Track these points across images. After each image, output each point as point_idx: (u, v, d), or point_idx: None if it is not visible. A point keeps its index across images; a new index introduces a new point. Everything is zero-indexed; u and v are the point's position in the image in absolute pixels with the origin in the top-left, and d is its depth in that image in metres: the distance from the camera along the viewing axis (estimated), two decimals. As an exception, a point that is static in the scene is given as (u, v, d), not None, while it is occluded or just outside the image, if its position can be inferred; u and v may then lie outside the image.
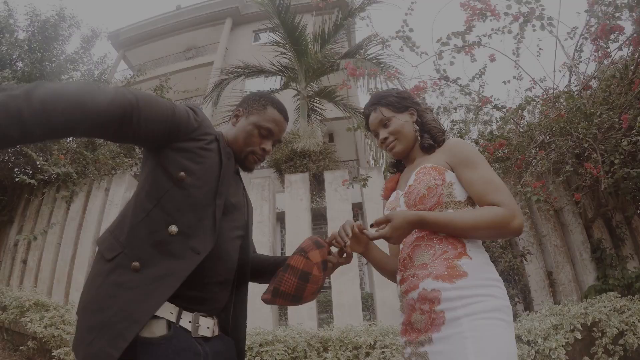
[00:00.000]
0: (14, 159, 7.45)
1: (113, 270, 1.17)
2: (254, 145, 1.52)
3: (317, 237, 1.48)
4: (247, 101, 1.57)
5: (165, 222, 1.23)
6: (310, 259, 1.40)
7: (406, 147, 1.66)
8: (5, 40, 7.28)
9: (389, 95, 1.70)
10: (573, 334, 3.56)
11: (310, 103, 11.91)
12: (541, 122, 4.61)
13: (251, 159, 1.54)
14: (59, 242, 6.65)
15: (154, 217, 1.24)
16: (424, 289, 1.37)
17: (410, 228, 1.39)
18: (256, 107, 1.54)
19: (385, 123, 1.66)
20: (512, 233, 1.39)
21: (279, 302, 1.45)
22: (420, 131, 1.67)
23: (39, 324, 4.67)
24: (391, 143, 1.66)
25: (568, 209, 5.09)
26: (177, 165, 1.28)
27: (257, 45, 17.33)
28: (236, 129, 1.53)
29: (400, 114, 1.66)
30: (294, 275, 1.39)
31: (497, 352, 1.22)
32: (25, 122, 0.95)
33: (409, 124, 1.66)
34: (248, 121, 1.52)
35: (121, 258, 1.18)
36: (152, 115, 1.23)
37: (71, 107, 1.03)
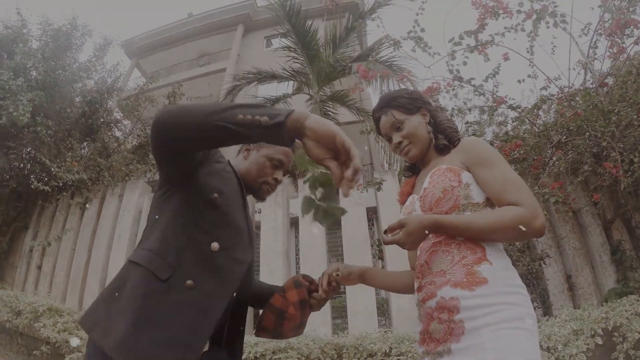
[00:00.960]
0: (30, 166, 7.55)
1: (169, 290, 1.24)
2: (267, 176, 1.63)
3: (299, 277, 1.59)
4: None
5: (207, 241, 1.33)
6: (287, 298, 1.52)
7: (421, 150, 1.59)
8: (19, 50, 7.40)
9: (400, 97, 1.62)
10: (594, 340, 3.45)
11: (322, 107, 11.90)
12: (557, 121, 4.51)
13: (265, 188, 1.65)
14: (73, 247, 6.73)
15: (195, 238, 1.32)
16: (442, 297, 1.30)
17: (426, 233, 1.32)
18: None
19: (397, 126, 1.59)
20: (534, 234, 1.30)
21: (264, 336, 1.57)
22: (434, 132, 1.59)
23: (53, 329, 4.72)
24: (406, 147, 1.59)
25: (586, 210, 4.98)
26: (209, 188, 1.38)
27: (269, 50, 17.37)
28: (248, 162, 1.64)
29: (412, 115, 1.59)
30: (272, 313, 1.53)
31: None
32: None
33: (422, 125, 1.59)
34: (260, 154, 1.63)
35: (175, 278, 1.25)
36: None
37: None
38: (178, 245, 1.29)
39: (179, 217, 1.33)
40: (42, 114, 7.31)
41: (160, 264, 1.26)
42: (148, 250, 1.30)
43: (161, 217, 1.36)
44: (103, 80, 8.99)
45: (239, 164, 1.65)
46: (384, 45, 8.88)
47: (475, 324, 1.22)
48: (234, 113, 1.04)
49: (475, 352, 1.19)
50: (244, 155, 1.67)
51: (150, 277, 1.24)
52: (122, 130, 9.81)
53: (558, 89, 4.81)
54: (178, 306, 1.22)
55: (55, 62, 7.65)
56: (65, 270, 6.58)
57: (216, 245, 1.32)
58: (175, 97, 9.11)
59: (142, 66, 20.49)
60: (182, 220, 1.33)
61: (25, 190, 7.46)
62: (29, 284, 6.83)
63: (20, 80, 6.78)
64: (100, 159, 7.75)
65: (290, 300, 1.51)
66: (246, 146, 1.67)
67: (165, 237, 1.31)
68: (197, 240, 1.31)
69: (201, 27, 19.68)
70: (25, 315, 5.10)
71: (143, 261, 1.28)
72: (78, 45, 8.50)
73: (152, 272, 1.25)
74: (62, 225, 7.06)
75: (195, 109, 1.11)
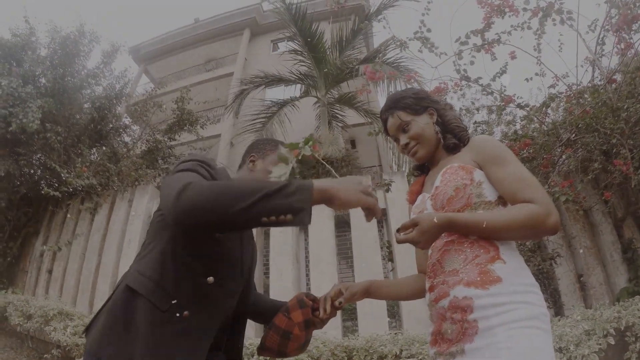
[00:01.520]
0: (40, 172, 7.63)
1: (169, 321, 1.27)
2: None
3: (303, 296, 1.58)
4: (257, 146, 1.70)
5: (204, 273, 1.35)
6: (292, 319, 1.51)
7: (429, 151, 1.57)
8: (27, 58, 7.50)
9: (406, 97, 1.60)
10: (606, 340, 3.40)
11: (330, 110, 11.92)
12: (566, 119, 4.48)
13: None
14: (83, 252, 6.79)
15: (193, 270, 1.34)
16: (455, 296, 1.29)
17: (439, 231, 1.30)
18: (269, 149, 1.67)
19: (404, 128, 1.58)
20: (548, 231, 1.30)
21: (267, 355, 1.59)
22: (442, 131, 1.57)
23: (63, 333, 4.76)
24: (413, 148, 1.58)
25: (597, 209, 4.93)
26: None
27: (276, 54, 17.45)
28: (257, 171, 1.63)
29: (419, 116, 1.57)
30: (276, 333, 1.53)
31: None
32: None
33: (430, 125, 1.57)
34: (266, 162, 1.63)
35: (174, 308, 1.28)
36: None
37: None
38: (176, 274, 1.31)
39: (178, 246, 1.34)
40: (52, 120, 7.39)
41: (160, 295, 1.28)
42: (148, 278, 1.31)
43: (160, 241, 1.36)
44: (111, 87, 9.06)
45: (246, 176, 1.65)
46: (390, 46, 8.86)
47: (489, 323, 1.20)
48: (259, 213, 1.10)
49: (489, 352, 1.17)
50: (250, 167, 1.65)
51: (153, 309, 1.27)
52: (131, 136, 9.89)
53: (566, 86, 4.78)
54: (177, 336, 1.27)
55: (63, 69, 7.73)
56: (76, 275, 6.63)
57: (212, 279, 1.35)
58: (183, 102, 9.14)
59: (150, 72, 20.65)
60: (180, 250, 1.33)
61: (35, 196, 7.55)
62: (40, 288, 6.90)
63: (29, 88, 6.86)
64: (110, 164, 7.82)
65: (295, 320, 1.51)
66: (251, 157, 1.67)
67: (164, 264, 1.32)
68: (195, 272, 1.33)
69: (208, 33, 19.78)
70: (36, 319, 5.15)
71: (145, 292, 1.29)
72: (86, 52, 8.58)
73: (154, 304, 1.27)
74: (72, 230, 7.12)
75: (223, 200, 1.12)
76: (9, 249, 7.47)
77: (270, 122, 11.65)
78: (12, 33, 7.79)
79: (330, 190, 1.16)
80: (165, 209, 1.19)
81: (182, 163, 1.39)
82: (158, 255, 1.34)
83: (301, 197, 1.12)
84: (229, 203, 1.10)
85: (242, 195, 1.11)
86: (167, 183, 1.26)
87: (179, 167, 1.35)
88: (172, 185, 1.19)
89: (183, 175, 1.25)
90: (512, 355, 1.14)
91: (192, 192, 1.13)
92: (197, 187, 1.14)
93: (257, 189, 1.12)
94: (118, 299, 1.31)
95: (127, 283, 1.31)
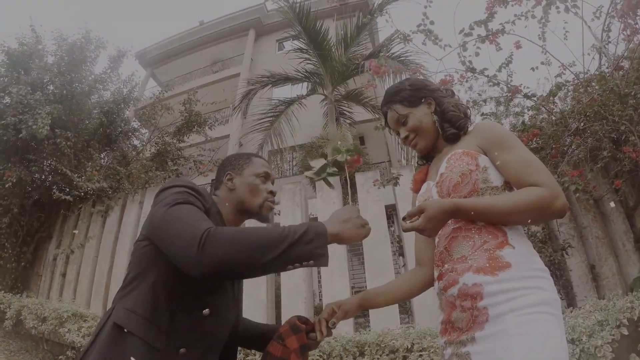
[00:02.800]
0: (51, 177, 7.72)
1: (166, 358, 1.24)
2: (262, 191, 1.59)
3: (295, 320, 1.50)
4: (231, 163, 1.65)
5: (199, 307, 1.32)
6: (288, 346, 1.44)
7: (429, 141, 1.57)
8: (35, 65, 7.60)
9: (402, 90, 1.59)
10: (619, 330, 3.36)
11: (338, 107, 11.93)
12: (574, 108, 4.43)
13: (267, 205, 1.60)
14: (96, 255, 6.86)
15: (187, 303, 1.30)
16: (464, 284, 1.28)
17: (446, 218, 1.29)
18: (244, 162, 1.63)
19: (402, 121, 1.58)
20: (556, 214, 1.29)
21: None
22: (440, 121, 1.55)
23: (77, 334, 4.81)
24: (413, 140, 1.58)
25: (608, 198, 4.87)
26: None
27: (281, 54, 17.52)
28: (237, 188, 1.58)
29: (416, 107, 1.56)
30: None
31: (546, 351, 1.13)
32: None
33: (428, 116, 1.55)
34: (245, 176, 1.59)
35: (170, 346, 1.24)
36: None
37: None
38: (170, 310, 1.26)
39: (169, 280, 1.27)
40: (61, 126, 7.49)
41: (155, 333, 1.23)
42: (140, 316, 1.24)
43: (148, 274, 1.29)
44: (119, 91, 9.13)
45: (226, 196, 1.58)
46: (395, 41, 8.84)
47: (499, 310, 1.19)
48: (286, 262, 1.16)
49: (500, 339, 1.16)
50: (229, 185, 1.59)
51: (149, 349, 1.22)
52: (140, 139, 9.96)
53: (574, 75, 4.73)
54: None
55: (71, 76, 7.81)
56: (89, 277, 6.71)
57: (207, 311, 1.32)
58: (190, 104, 9.19)
59: (157, 76, 20.83)
60: (173, 284, 1.27)
61: (47, 201, 7.63)
62: (54, 291, 6.99)
63: (38, 95, 6.94)
64: (120, 167, 7.89)
65: (291, 347, 1.45)
66: (228, 175, 1.61)
67: (156, 299, 1.26)
68: (190, 305, 1.30)
69: (213, 34, 19.93)
70: (51, 321, 5.21)
71: (138, 331, 1.22)
72: (92, 58, 8.67)
73: (150, 344, 1.22)
74: (84, 233, 7.21)
75: (251, 252, 1.13)
76: (23, 253, 7.57)
77: (277, 121, 11.69)
78: (19, 42, 7.89)
79: (340, 234, 1.26)
80: (184, 260, 1.14)
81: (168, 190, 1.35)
82: (148, 289, 1.27)
83: (319, 244, 1.19)
84: (257, 255, 1.12)
85: (268, 246, 1.13)
86: (168, 222, 1.21)
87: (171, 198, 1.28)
88: (183, 230, 1.16)
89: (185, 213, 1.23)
90: (524, 341, 1.13)
91: (216, 245, 1.11)
92: (220, 239, 1.12)
93: (281, 238, 1.15)
94: (107, 339, 1.22)
95: (115, 321, 1.24)
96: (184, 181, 1.42)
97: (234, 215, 1.56)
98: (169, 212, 1.24)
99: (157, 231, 1.25)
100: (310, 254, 1.17)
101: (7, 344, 5.90)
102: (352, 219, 1.30)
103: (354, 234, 1.29)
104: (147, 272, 1.29)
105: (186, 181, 1.42)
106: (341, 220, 1.29)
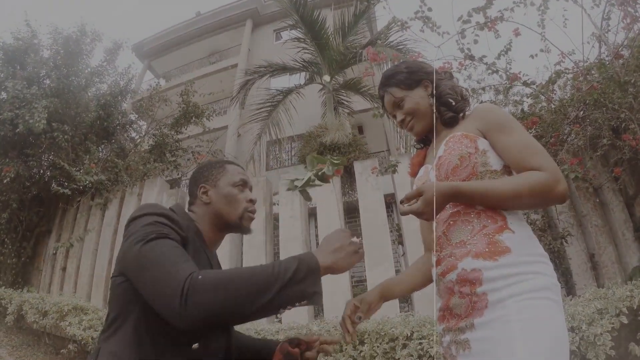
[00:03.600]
0: (49, 172, 7.70)
1: None
2: (241, 201, 1.50)
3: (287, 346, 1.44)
4: (203, 175, 1.54)
5: (188, 341, 1.24)
6: None
7: (426, 124, 1.53)
8: (31, 60, 7.57)
9: (398, 73, 1.56)
10: (619, 319, 3.36)
11: (336, 96, 11.89)
12: (573, 96, 4.40)
13: (247, 216, 1.51)
14: (95, 248, 6.87)
15: (176, 340, 1.22)
16: (464, 269, 1.26)
17: (445, 201, 1.26)
18: (217, 173, 1.53)
19: (399, 104, 1.55)
20: (557, 199, 1.27)
21: None
22: (438, 104, 1.52)
23: (78, 327, 4.81)
24: (409, 123, 1.55)
25: (607, 187, 4.85)
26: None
27: (279, 44, 17.42)
28: (214, 201, 1.48)
29: (412, 90, 1.53)
30: None
31: (546, 337, 1.12)
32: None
33: (425, 98, 1.52)
34: (220, 187, 1.50)
35: None
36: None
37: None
38: (157, 349, 1.18)
39: (151, 317, 1.15)
40: (58, 120, 7.46)
41: None
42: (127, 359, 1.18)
43: (130, 314, 1.20)
44: (116, 84, 9.11)
45: (203, 212, 1.48)
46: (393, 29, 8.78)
47: (499, 295, 1.18)
48: (278, 306, 1.09)
49: (500, 325, 1.15)
50: (204, 199, 1.49)
51: None
52: (137, 131, 9.93)
53: (573, 63, 4.69)
54: None
55: (67, 69, 7.79)
56: (89, 270, 6.73)
57: (197, 345, 1.25)
58: (188, 95, 9.14)
59: (154, 68, 20.74)
60: (156, 321, 1.15)
61: (46, 196, 7.65)
62: (55, 285, 7.01)
63: (34, 89, 6.90)
64: (118, 160, 7.86)
65: None
66: (202, 188, 1.51)
67: (141, 340, 1.18)
68: (177, 342, 1.21)
69: (210, 25, 19.80)
70: (52, 315, 5.22)
71: None
72: (88, 51, 8.65)
73: None
74: (83, 226, 7.21)
75: (239, 299, 1.04)
76: (23, 248, 7.59)
77: (275, 111, 11.64)
78: (14, 37, 7.86)
79: (333, 266, 1.20)
80: (167, 313, 1.04)
81: (139, 220, 1.24)
82: (132, 330, 1.18)
83: (312, 281, 1.13)
84: (247, 303, 1.05)
85: (258, 291, 1.05)
86: (144, 266, 1.11)
87: (143, 232, 1.17)
88: (162, 278, 1.06)
89: (161, 254, 1.12)
90: (524, 327, 1.12)
91: (201, 295, 1.02)
92: (204, 288, 1.03)
93: (272, 281, 1.07)
94: None
95: None
96: (155, 208, 1.30)
97: (214, 232, 1.48)
98: (143, 251, 1.13)
99: (133, 273, 1.16)
100: (304, 293, 1.10)
101: (10, 339, 5.92)
102: (345, 247, 1.24)
103: (348, 263, 1.23)
104: (128, 312, 1.20)
105: (157, 208, 1.30)
106: (333, 250, 1.23)
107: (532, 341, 1.10)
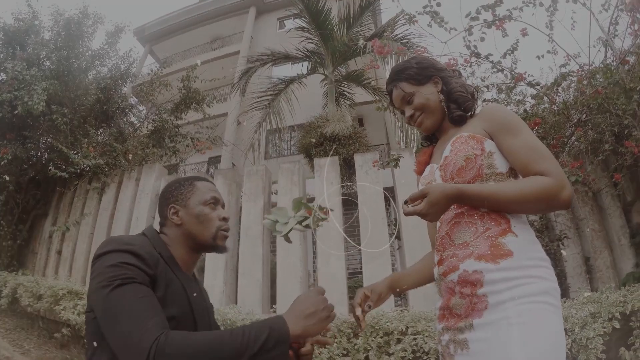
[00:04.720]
0: (47, 154, 7.66)
1: None
2: (214, 220, 1.44)
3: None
4: (172, 195, 1.48)
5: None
6: None
7: (435, 120, 1.53)
8: (31, 41, 7.49)
9: (408, 68, 1.55)
10: (611, 323, 3.38)
11: (338, 87, 11.86)
12: (577, 99, 4.38)
13: (221, 235, 1.45)
14: (91, 232, 6.87)
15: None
16: (465, 270, 1.26)
17: (449, 203, 1.27)
18: (187, 191, 1.47)
19: (408, 99, 1.53)
20: (562, 205, 1.27)
21: None
22: (447, 101, 1.52)
23: (73, 312, 4.80)
24: (418, 119, 1.54)
25: (606, 192, 4.85)
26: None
27: (282, 32, 17.32)
28: (185, 222, 1.42)
29: (423, 86, 1.52)
30: None
31: (544, 341, 1.13)
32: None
33: (435, 94, 1.52)
34: (190, 206, 1.44)
35: None
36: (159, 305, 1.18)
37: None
38: None
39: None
40: (57, 102, 7.38)
41: None
42: None
43: (106, 346, 1.15)
44: (116, 67, 9.02)
45: (175, 234, 1.43)
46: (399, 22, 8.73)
47: (499, 298, 1.18)
48: None
49: (499, 327, 1.16)
50: (175, 220, 1.43)
51: None
52: (137, 116, 9.86)
53: (578, 66, 4.67)
54: None
55: (67, 51, 7.66)
56: (85, 255, 6.71)
57: None
58: (189, 80, 9.07)
59: (156, 52, 20.58)
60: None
61: (43, 178, 7.59)
62: (50, 269, 7.00)
63: (34, 70, 6.83)
64: (117, 144, 7.81)
65: None
66: (172, 208, 1.44)
67: None
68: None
69: (213, 11, 19.60)
70: (46, 299, 5.20)
71: None
72: (90, 34, 8.52)
73: None
74: (80, 210, 7.19)
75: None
76: (19, 231, 7.56)
77: (277, 100, 11.60)
78: (14, 18, 7.75)
79: (303, 334, 1.19)
80: None
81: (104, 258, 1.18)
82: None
83: (280, 351, 1.12)
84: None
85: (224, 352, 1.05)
86: (109, 319, 1.09)
87: (109, 276, 1.13)
88: (127, 336, 1.04)
89: (127, 306, 1.09)
90: (522, 330, 1.13)
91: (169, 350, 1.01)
92: (170, 356, 1.01)
93: (241, 351, 1.06)
94: None
95: None
96: (120, 244, 1.23)
97: (189, 254, 1.43)
98: (108, 301, 1.10)
99: (101, 320, 1.13)
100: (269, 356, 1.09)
101: (3, 322, 5.90)
102: (318, 312, 1.22)
103: (318, 329, 1.22)
104: (105, 346, 1.16)
105: (123, 243, 1.24)
106: (305, 316, 1.20)
107: (530, 345, 1.11)
